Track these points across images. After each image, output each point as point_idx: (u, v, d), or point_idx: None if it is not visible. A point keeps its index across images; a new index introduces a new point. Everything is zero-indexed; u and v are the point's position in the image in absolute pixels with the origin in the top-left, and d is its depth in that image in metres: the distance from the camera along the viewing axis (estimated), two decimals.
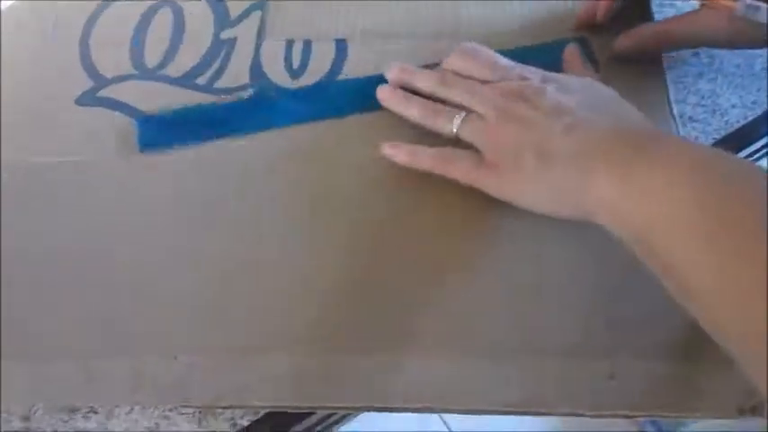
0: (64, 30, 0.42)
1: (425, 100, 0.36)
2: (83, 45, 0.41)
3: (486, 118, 0.33)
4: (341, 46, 0.40)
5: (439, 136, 0.35)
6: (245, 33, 0.41)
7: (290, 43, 0.41)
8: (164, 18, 0.42)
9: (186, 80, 0.40)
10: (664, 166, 0.28)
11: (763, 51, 0.39)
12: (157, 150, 0.37)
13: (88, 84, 0.40)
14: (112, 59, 0.40)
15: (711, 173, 0.27)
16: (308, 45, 0.41)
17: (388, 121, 0.36)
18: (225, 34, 0.41)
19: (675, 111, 0.37)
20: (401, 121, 0.36)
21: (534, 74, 0.34)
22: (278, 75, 0.40)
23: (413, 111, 0.35)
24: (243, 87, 0.39)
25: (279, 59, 0.40)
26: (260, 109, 0.38)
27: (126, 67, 0.40)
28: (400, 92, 0.36)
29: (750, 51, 0.39)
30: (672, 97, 0.37)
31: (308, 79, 0.39)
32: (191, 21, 0.42)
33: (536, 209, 0.32)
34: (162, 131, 0.38)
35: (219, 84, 0.39)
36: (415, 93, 0.36)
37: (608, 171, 0.29)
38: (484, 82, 0.34)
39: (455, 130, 0.34)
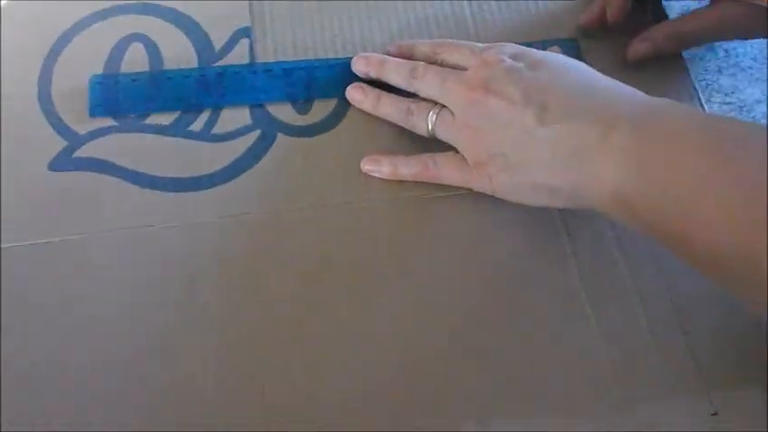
0: (16, 79, 0.35)
1: (397, 98, 0.34)
2: (42, 97, 0.35)
3: (457, 115, 0.31)
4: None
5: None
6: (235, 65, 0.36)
7: (287, 72, 0.36)
8: (136, 55, 0.36)
9: (177, 128, 0.34)
10: (665, 137, 0.26)
11: None
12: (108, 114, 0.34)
13: (60, 144, 0.34)
14: (84, 111, 0.34)
15: (717, 135, 0.26)
16: (308, 71, 0.36)
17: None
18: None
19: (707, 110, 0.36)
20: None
21: (503, 53, 0.31)
22: (282, 110, 0.35)
23: (385, 110, 0.34)
24: (246, 129, 0.35)
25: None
26: (228, 84, 0.35)
27: (102, 118, 0.34)
28: (371, 92, 0.35)
29: (763, 42, 0.39)
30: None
31: (315, 115, 0.35)
32: (169, 57, 0.36)
33: (538, 204, 0.31)
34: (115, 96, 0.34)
35: (217, 129, 0.35)
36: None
37: (603, 155, 0.27)
38: (455, 68, 0.33)
39: (430, 129, 0.32)
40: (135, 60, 0.36)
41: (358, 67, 0.35)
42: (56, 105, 0.35)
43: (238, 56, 0.36)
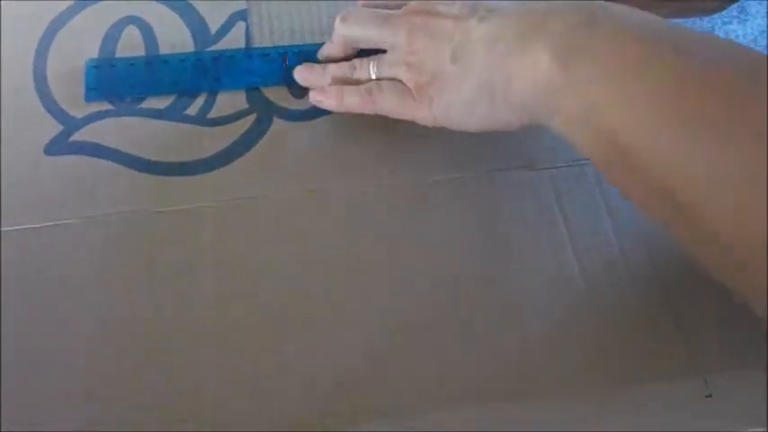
0: (11, 62, 0.35)
1: (341, 63, 0.33)
2: (38, 80, 0.35)
3: (399, 46, 0.30)
4: None
5: None
6: (231, 49, 0.36)
7: (284, 56, 0.36)
8: (132, 39, 0.36)
9: (173, 112, 0.34)
10: (613, 48, 0.24)
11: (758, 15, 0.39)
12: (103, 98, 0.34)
13: (56, 128, 0.34)
14: (79, 95, 0.34)
15: (666, 45, 0.24)
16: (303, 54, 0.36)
17: None
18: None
19: None
20: None
21: None
22: (278, 94, 0.35)
23: (331, 74, 0.33)
24: (242, 114, 0.35)
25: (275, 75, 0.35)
26: (224, 68, 0.35)
27: (98, 102, 0.34)
28: (316, 66, 0.34)
29: (762, 24, 0.39)
30: None
31: None
32: (164, 40, 0.36)
33: (474, 126, 0.29)
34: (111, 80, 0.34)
35: (213, 113, 0.34)
36: None
37: (540, 54, 0.25)
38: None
39: (374, 74, 0.32)
40: (130, 43, 0.36)
41: (300, 76, 0.35)
42: (51, 89, 0.34)
43: (234, 39, 0.36)
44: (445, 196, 0.32)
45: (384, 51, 0.32)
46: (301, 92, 0.35)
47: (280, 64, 0.35)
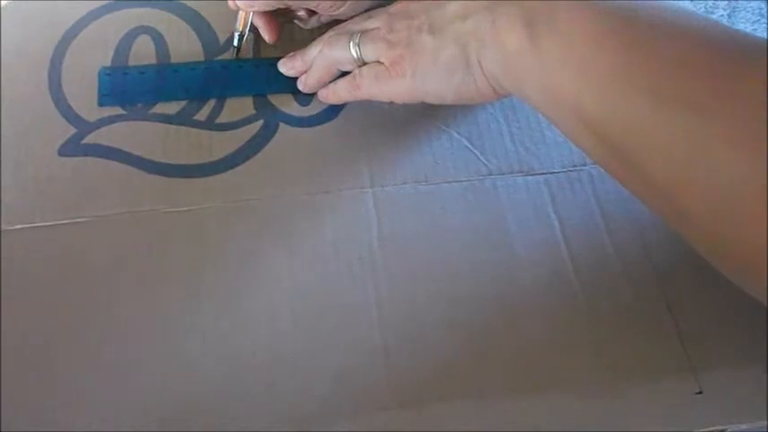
0: (28, 67, 0.36)
1: (317, 45, 0.35)
2: (53, 85, 0.36)
3: (378, 28, 0.32)
4: None
5: None
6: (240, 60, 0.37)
7: None
8: (144, 47, 0.37)
9: (183, 117, 0.36)
10: (578, 20, 0.25)
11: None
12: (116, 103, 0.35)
13: (69, 130, 0.35)
14: (93, 99, 0.35)
15: (627, 18, 0.25)
16: None
17: None
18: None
19: None
20: None
21: None
22: (284, 101, 0.36)
23: (315, 49, 0.34)
24: (250, 119, 0.36)
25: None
26: (232, 76, 0.37)
27: (110, 107, 0.35)
28: (297, 54, 0.36)
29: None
30: None
31: (316, 107, 0.36)
32: (176, 48, 0.37)
33: (451, 96, 0.30)
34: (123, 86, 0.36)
35: (222, 118, 0.36)
36: None
37: (510, 23, 0.27)
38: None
39: (353, 51, 0.32)
40: (142, 51, 0.37)
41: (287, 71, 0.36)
42: (65, 93, 0.36)
43: (243, 48, 0.38)
44: (446, 200, 0.34)
45: None
46: (307, 99, 0.36)
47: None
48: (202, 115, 0.36)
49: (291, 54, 0.36)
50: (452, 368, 0.29)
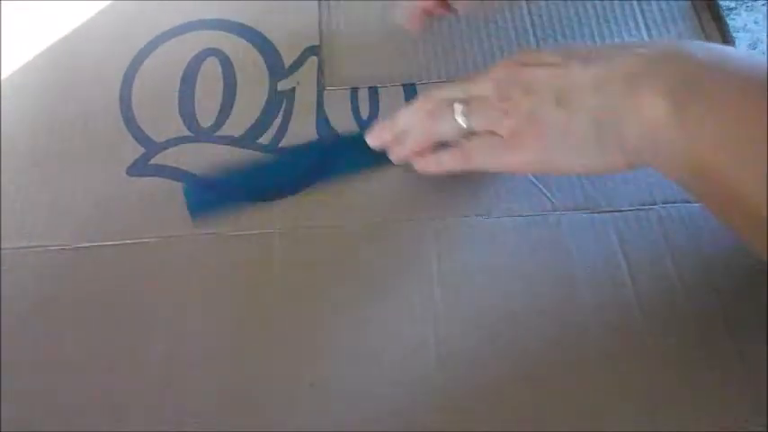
0: (101, 86, 0.37)
1: (416, 113, 0.33)
2: (124, 105, 0.37)
3: (489, 95, 0.30)
4: (410, 90, 0.37)
5: None
6: (303, 83, 0.38)
7: (354, 91, 0.37)
8: (211, 69, 0.38)
9: (247, 140, 0.36)
10: (725, 85, 0.24)
11: None
12: (209, 215, 0.34)
13: (138, 150, 0.35)
14: (161, 120, 0.36)
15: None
16: (373, 92, 0.37)
17: None
18: (282, 85, 0.38)
19: None
20: None
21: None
22: (347, 127, 0.37)
23: (404, 119, 0.33)
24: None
25: (345, 110, 0.37)
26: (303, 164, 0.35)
27: (177, 128, 0.36)
28: (387, 123, 0.34)
29: None
30: None
31: None
32: (241, 71, 0.38)
33: (580, 169, 0.29)
34: (210, 195, 0.34)
35: (285, 142, 0.36)
36: None
37: (653, 95, 0.25)
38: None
39: (461, 121, 0.30)
40: (210, 73, 0.38)
41: (375, 142, 0.34)
42: (135, 114, 0.37)
43: (306, 72, 0.38)
44: (511, 233, 0.33)
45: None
46: (369, 124, 0.36)
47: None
48: (266, 139, 0.36)
49: (379, 124, 0.34)
50: (510, 413, 0.29)
